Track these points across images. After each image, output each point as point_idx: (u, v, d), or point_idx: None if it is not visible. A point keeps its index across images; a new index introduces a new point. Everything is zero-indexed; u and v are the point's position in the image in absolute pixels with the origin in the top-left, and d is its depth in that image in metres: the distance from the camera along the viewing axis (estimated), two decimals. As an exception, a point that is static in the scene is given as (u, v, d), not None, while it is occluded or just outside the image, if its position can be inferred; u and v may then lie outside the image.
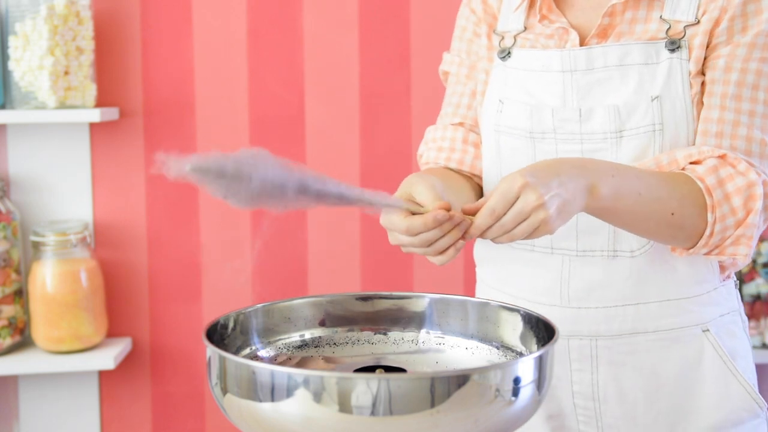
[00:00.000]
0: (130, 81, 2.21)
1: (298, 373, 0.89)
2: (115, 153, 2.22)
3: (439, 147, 1.43)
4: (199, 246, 2.24)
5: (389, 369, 1.10)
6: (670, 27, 1.27)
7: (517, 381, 0.93)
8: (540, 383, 0.96)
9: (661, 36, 1.27)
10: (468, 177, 1.41)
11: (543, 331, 1.08)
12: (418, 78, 2.24)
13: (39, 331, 2.10)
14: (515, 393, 0.93)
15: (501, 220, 1.09)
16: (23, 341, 2.17)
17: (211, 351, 0.97)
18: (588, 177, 1.13)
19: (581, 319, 1.30)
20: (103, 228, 2.22)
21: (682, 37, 1.26)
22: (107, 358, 2.10)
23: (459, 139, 1.42)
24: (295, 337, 1.18)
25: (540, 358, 0.95)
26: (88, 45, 2.10)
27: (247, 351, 1.13)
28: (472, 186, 1.39)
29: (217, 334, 1.07)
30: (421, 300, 1.19)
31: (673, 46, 1.26)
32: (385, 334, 1.19)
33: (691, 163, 1.23)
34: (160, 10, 2.20)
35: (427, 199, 1.12)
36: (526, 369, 0.94)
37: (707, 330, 1.30)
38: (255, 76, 2.23)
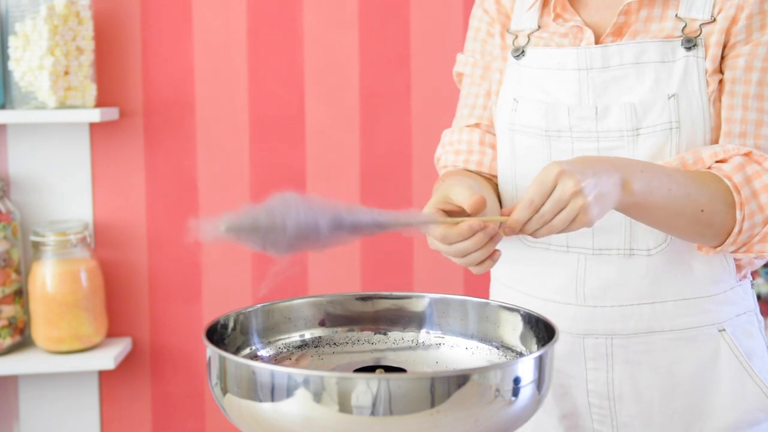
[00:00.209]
0: (130, 81, 2.21)
1: (298, 373, 0.88)
2: (115, 153, 2.22)
3: (457, 150, 1.42)
4: (199, 246, 2.24)
5: (389, 369, 1.10)
6: (686, 25, 1.27)
7: (517, 381, 0.93)
8: (540, 383, 0.96)
9: (677, 34, 1.27)
10: (488, 178, 1.40)
11: (543, 331, 1.08)
12: (418, 78, 2.23)
13: (39, 331, 2.10)
14: (515, 393, 0.93)
15: (540, 210, 1.09)
16: (23, 341, 2.17)
17: (211, 351, 0.97)
18: (620, 172, 1.13)
19: (597, 317, 1.30)
20: (103, 228, 2.22)
21: (698, 35, 1.26)
22: (107, 358, 2.10)
23: (476, 141, 1.41)
24: (295, 337, 1.18)
25: (540, 358, 0.95)
26: (88, 45, 2.10)
27: (247, 351, 1.13)
28: (493, 187, 1.38)
29: (217, 334, 1.07)
30: (421, 300, 1.19)
31: (690, 44, 1.25)
32: (385, 334, 1.19)
33: (717, 161, 1.23)
34: (160, 10, 2.20)
35: (464, 197, 1.13)
36: (526, 369, 0.94)
37: (723, 330, 1.29)
38: (255, 76, 2.23)
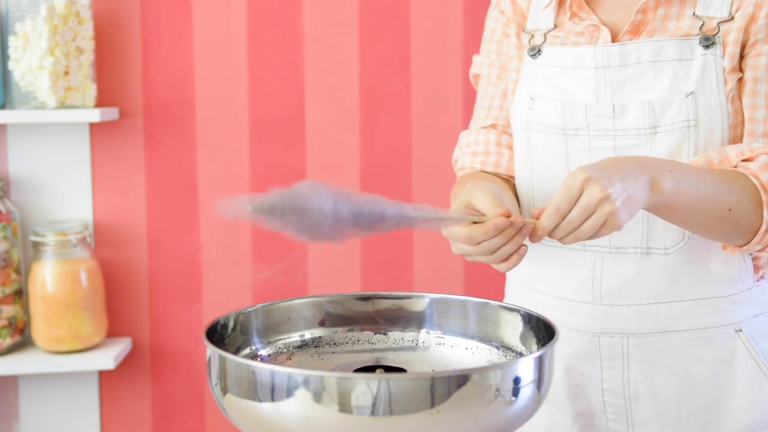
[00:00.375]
0: (130, 81, 2.21)
1: (298, 373, 0.88)
2: (115, 153, 2.21)
3: (474, 151, 1.42)
4: (199, 246, 2.24)
5: (389, 369, 1.10)
6: (704, 23, 1.26)
7: (517, 381, 0.93)
8: (540, 383, 0.96)
9: (695, 32, 1.26)
10: (506, 179, 1.40)
11: (543, 331, 1.08)
12: (418, 78, 2.23)
13: (39, 331, 2.10)
14: (515, 393, 0.93)
15: (567, 217, 1.09)
16: (23, 341, 2.17)
17: (211, 351, 0.97)
18: (648, 172, 1.12)
19: (613, 316, 1.29)
20: (103, 228, 2.22)
21: (716, 34, 1.26)
22: (107, 358, 2.10)
23: (492, 142, 1.41)
24: (295, 337, 1.18)
25: (540, 358, 0.95)
26: (88, 45, 2.10)
27: (247, 351, 1.13)
28: (511, 188, 1.38)
29: (217, 334, 1.07)
30: (421, 300, 1.19)
31: (708, 42, 1.25)
32: (385, 334, 1.19)
33: (744, 160, 1.22)
34: (160, 10, 2.20)
35: (486, 205, 1.12)
36: (526, 369, 0.94)
37: (740, 330, 1.29)
38: (255, 76, 2.23)
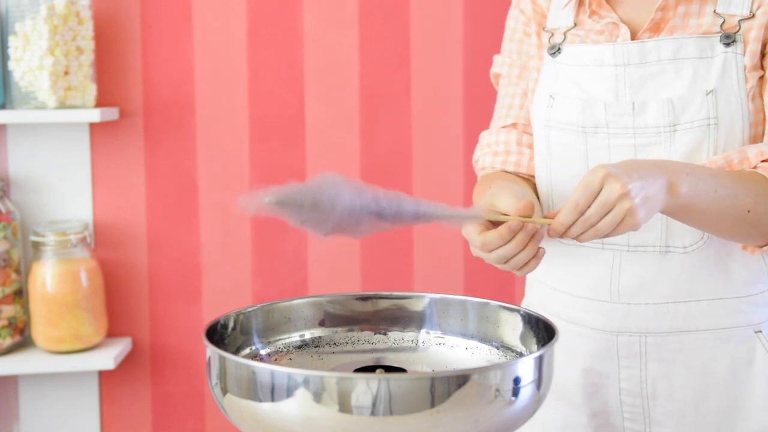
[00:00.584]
0: (130, 81, 2.21)
1: (298, 373, 0.88)
2: (115, 153, 2.21)
3: (495, 151, 1.42)
4: (199, 246, 2.24)
5: (389, 369, 1.10)
6: (725, 21, 1.26)
7: (517, 381, 0.93)
8: (540, 383, 0.96)
9: (716, 30, 1.26)
10: (526, 179, 1.39)
11: (543, 331, 1.08)
12: (418, 78, 2.23)
13: (39, 331, 2.10)
14: (515, 393, 0.93)
15: (585, 213, 1.09)
16: (23, 341, 2.17)
17: (211, 351, 0.97)
18: (666, 175, 1.12)
19: (631, 315, 1.29)
20: (103, 228, 2.22)
21: (737, 31, 1.25)
22: (107, 358, 2.10)
23: (513, 141, 1.41)
24: (295, 337, 1.18)
25: (540, 358, 0.95)
26: (88, 45, 2.10)
27: (247, 351, 1.13)
28: (532, 187, 1.38)
29: (217, 334, 1.07)
30: (421, 300, 1.19)
31: (728, 40, 1.25)
32: (385, 334, 1.19)
33: (763, 161, 1.22)
34: (160, 10, 2.20)
35: (509, 205, 1.13)
36: (526, 369, 0.94)
37: (760, 331, 1.28)
38: (255, 76, 2.23)
